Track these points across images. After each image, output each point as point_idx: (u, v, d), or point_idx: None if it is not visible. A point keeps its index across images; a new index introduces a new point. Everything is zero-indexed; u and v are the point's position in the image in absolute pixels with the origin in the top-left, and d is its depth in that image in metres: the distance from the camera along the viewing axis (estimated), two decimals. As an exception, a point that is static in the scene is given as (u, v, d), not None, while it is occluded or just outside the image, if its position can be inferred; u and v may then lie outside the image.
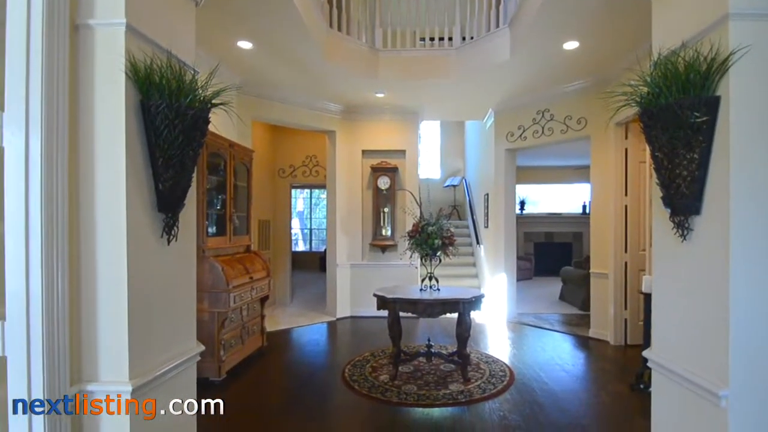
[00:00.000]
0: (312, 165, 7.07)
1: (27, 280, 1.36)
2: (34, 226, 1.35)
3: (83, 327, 1.52)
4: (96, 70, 1.48)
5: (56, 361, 1.41)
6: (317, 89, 5.34)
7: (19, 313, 1.37)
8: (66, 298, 1.44)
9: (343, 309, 6.12)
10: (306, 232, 13.31)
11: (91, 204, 1.50)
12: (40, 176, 1.35)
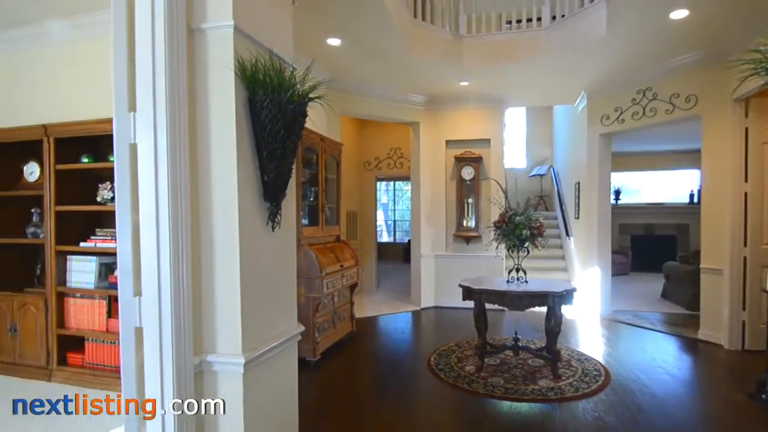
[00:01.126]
0: (396, 157, 7.12)
1: (158, 262, 1.50)
2: (163, 214, 1.49)
3: (203, 304, 1.65)
4: (209, 70, 1.58)
5: (182, 333, 1.55)
6: (401, 81, 5.32)
7: (152, 290, 1.52)
8: (190, 278, 1.57)
9: (427, 299, 6.10)
10: (390, 224, 13.51)
11: (209, 194, 1.62)
12: (167, 170, 1.48)
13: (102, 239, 3.31)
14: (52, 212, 3.33)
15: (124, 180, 1.53)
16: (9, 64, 4.06)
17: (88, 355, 3.39)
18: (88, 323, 3.37)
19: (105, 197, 3.31)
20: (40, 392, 3.16)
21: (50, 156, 3.32)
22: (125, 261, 1.55)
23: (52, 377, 3.39)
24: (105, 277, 3.38)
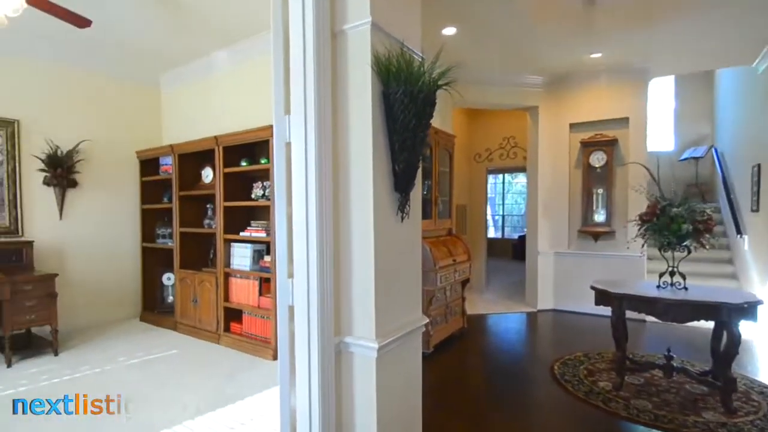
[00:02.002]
0: (509, 147, 6.64)
1: (307, 248, 1.60)
2: (311, 205, 1.58)
3: (342, 289, 1.72)
4: (349, 67, 1.62)
5: (326, 313, 1.63)
6: (518, 63, 4.84)
7: (302, 273, 1.63)
8: (332, 264, 1.64)
9: (544, 300, 5.54)
10: (497, 219, 12.81)
11: (347, 186, 1.67)
12: (315, 164, 1.56)
13: (255, 230, 3.76)
14: (221, 207, 3.90)
15: (281, 175, 1.67)
16: (190, 91, 4.89)
17: (245, 326, 3.90)
18: (245, 299, 3.87)
19: (257, 194, 3.74)
20: (213, 352, 3.77)
21: (220, 161, 3.89)
22: (281, 247, 1.69)
23: (220, 341, 3.98)
24: (257, 261, 3.83)
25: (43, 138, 4.13)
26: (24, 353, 3.54)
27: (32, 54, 4.05)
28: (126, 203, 4.81)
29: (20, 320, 3.37)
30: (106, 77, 4.62)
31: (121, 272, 4.80)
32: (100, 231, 4.62)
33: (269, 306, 3.63)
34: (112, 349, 3.78)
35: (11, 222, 3.96)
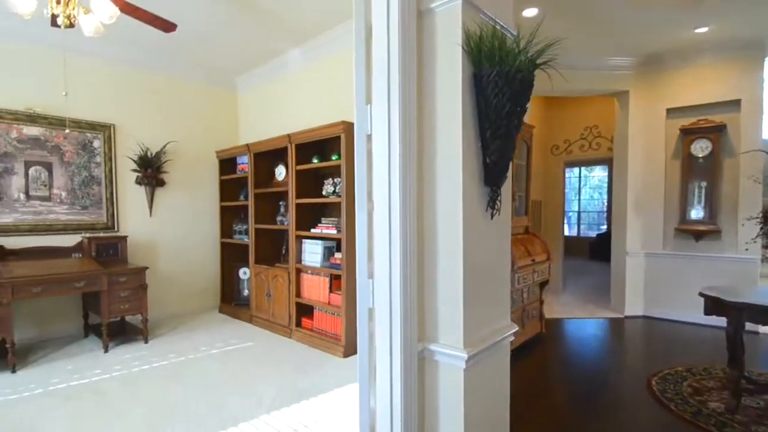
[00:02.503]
0: (592, 137, 6.06)
1: (389, 246, 1.49)
2: (394, 201, 1.46)
3: (426, 292, 1.59)
4: (437, 49, 1.48)
5: (409, 317, 1.52)
6: (606, 44, 4.36)
7: (383, 274, 1.52)
8: (415, 264, 1.52)
9: (633, 306, 4.99)
10: (570, 215, 11.89)
11: (433, 180, 1.53)
12: (398, 157, 1.44)
13: (326, 226, 3.77)
14: (293, 204, 3.98)
15: (362, 169, 1.58)
16: (264, 91, 5.06)
17: (316, 321, 3.94)
18: (316, 295, 3.91)
19: (328, 191, 3.75)
20: (285, 346, 3.85)
21: (292, 159, 3.96)
22: (361, 245, 1.60)
23: (292, 335, 4.07)
24: (327, 258, 3.84)
25: (134, 140, 4.51)
26: (118, 339, 3.90)
27: (124, 62, 4.42)
28: (207, 201, 5.12)
29: (116, 309, 3.70)
30: (188, 82, 4.94)
31: (202, 266, 5.12)
32: (184, 227, 4.96)
33: (339, 303, 3.62)
34: (195, 339, 4.03)
35: (108, 218, 4.37)
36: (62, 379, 3.08)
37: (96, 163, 4.28)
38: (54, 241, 3.98)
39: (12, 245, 3.73)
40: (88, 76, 4.21)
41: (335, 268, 3.68)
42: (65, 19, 2.34)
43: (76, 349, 3.75)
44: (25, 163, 3.86)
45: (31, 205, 3.90)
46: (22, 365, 3.33)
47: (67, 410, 2.62)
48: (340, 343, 3.59)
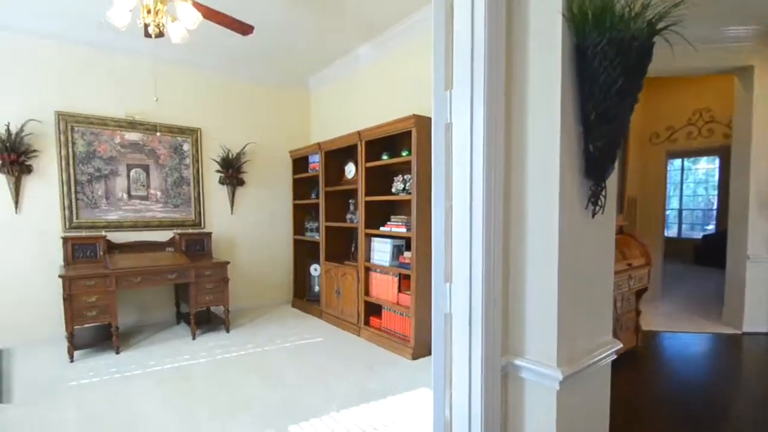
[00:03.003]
0: (702, 123, 5.23)
1: (470, 247, 1.34)
2: (477, 198, 1.31)
3: (511, 299, 1.41)
4: (530, 21, 1.28)
5: (491, 327, 1.35)
6: (722, 11, 3.70)
7: (462, 277, 1.37)
8: (500, 268, 1.35)
9: (755, 321, 4.20)
10: (669, 213, 10.50)
11: (522, 172, 1.35)
12: (482, 148, 1.28)
13: (395, 224, 3.68)
14: (362, 202, 3.96)
15: (440, 162, 1.44)
16: (335, 90, 5.13)
17: (384, 321, 3.88)
18: (384, 294, 3.85)
19: (398, 188, 3.66)
20: (353, 344, 3.85)
21: (362, 156, 3.94)
22: (438, 246, 1.47)
23: (360, 333, 4.06)
24: (396, 257, 3.76)
25: (218, 143, 4.82)
26: (204, 328, 4.19)
27: (206, 68, 4.73)
28: (281, 199, 5.33)
29: (201, 300, 3.98)
30: (264, 86, 5.17)
31: (277, 262, 5.36)
32: (261, 224, 5.22)
33: (408, 304, 3.52)
34: (270, 332, 4.20)
35: (196, 216, 4.74)
36: (157, 362, 3.38)
37: (185, 165, 4.65)
38: (151, 236, 4.40)
39: (117, 240, 4.19)
40: (177, 83, 4.57)
41: (404, 268, 3.58)
42: (155, 28, 2.51)
43: (169, 334, 4.11)
44: (127, 166, 4.30)
45: (132, 203, 4.35)
46: (125, 347, 3.72)
47: (160, 392, 2.85)
48: (408, 344, 3.48)
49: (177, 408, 2.63)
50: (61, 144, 3.92)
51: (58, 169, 3.92)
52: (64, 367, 3.26)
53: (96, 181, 4.13)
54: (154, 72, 4.29)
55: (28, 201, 3.82)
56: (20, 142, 3.68)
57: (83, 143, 4.05)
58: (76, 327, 3.37)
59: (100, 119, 4.11)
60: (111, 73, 4.15)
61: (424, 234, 3.39)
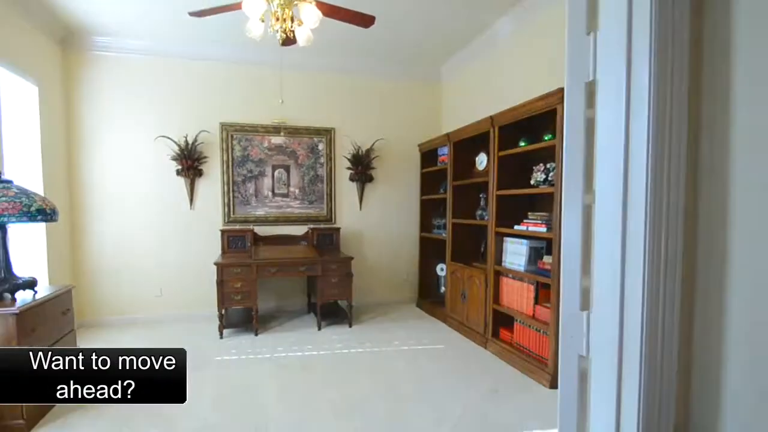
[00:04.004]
0: None
1: (621, 264, 0.92)
2: (636, 190, 0.89)
3: (696, 344, 0.93)
4: None
5: (657, 389, 0.91)
6: None
7: (609, 306, 0.96)
8: (676, 294, 0.90)
9: None
10: None
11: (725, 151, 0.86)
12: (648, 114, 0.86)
13: (533, 223, 3.19)
14: (493, 196, 3.56)
15: (575, 139, 1.04)
16: (468, 74, 4.79)
17: (516, 335, 3.42)
18: (517, 304, 3.39)
19: (537, 179, 3.15)
20: (478, 357, 3.48)
21: (495, 144, 3.54)
22: (571, 257, 1.08)
23: (487, 345, 3.67)
24: (534, 261, 3.26)
25: (349, 140, 5.02)
26: (330, 320, 4.41)
27: (335, 70, 4.95)
28: (408, 195, 5.28)
29: (328, 293, 4.20)
30: (392, 81, 5.17)
31: (402, 259, 5.33)
32: (388, 220, 5.26)
33: (547, 319, 3.01)
34: (390, 332, 4.17)
35: (328, 212, 5.04)
36: (284, 348, 3.69)
37: (320, 164, 4.98)
38: (289, 230, 4.87)
39: (261, 233, 4.75)
40: (313, 87, 4.92)
41: (543, 275, 3.07)
42: (282, 33, 2.63)
43: (299, 323, 4.47)
44: (272, 166, 4.84)
45: (275, 201, 4.87)
46: (263, 330, 4.17)
47: (280, 378, 3.09)
48: (546, 368, 2.97)
49: (291, 399, 2.78)
50: (223, 150, 4.64)
51: (220, 171, 4.66)
52: (214, 342, 3.84)
53: (248, 181, 4.75)
54: (291, 79, 4.74)
55: (199, 199, 4.63)
56: (194, 150, 4.49)
57: (239, 148, 4.70)
58: (225, 308, 3.90)
59: (252, 126, 4.72)
60: (258, 84, 4.67)
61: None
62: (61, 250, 4.08)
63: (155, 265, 4.51)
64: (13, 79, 3.43)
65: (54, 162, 3.94)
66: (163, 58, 4.41)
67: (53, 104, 3.97)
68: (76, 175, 4.29)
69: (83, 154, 4.29)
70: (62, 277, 4.00)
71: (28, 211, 2.34)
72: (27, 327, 2.31)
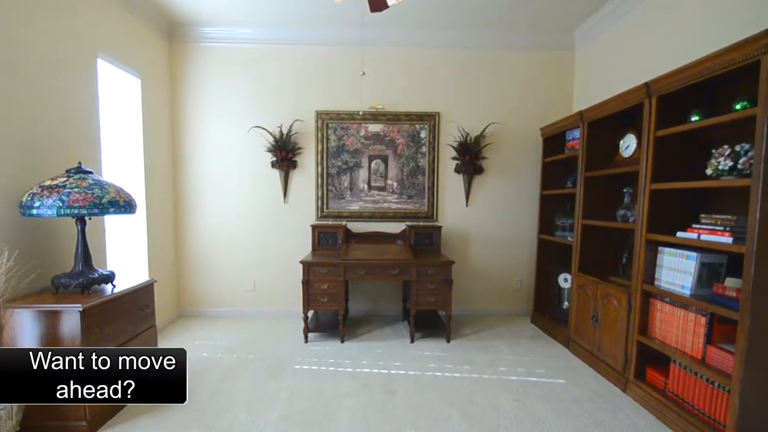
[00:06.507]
0: None
1: None
2: None
3: None
4: None
5: None
6: None
7: None
8: None
9: None
10: None
11: None
12: None
13: (708, 229, 2.32)
14: (646, 191, 2.74)
15: None
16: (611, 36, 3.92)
17: (672, 382, 2.57)
18: (677, 340, 2.54)
19: (719, 168, 2.27)
20: (613, 404, 2.69)
21: (651, 121, 2.72)
22: None
23: (627, 389, 2.87)
24: (708, 282, 2.39)
25: (456, 126, 4.51)
26: (426, 331, 3.95)
27: (445, 45, 4.45)
28: (526, 189, 4.58)
29: (423, 301, 3.74)
30: (512, 54, 4.50)
31: (515, 264, 4.66)
32: (499, 219, 4.63)
33: (729, 368, 2.16)
34: (496, 353, 3.57)
35: (429, 207, 4.60)
36: (369, 362, 3.34)
37: (422, 154, 4.57)
38: (385, 227, 4.55)
39: (355, 229, 4.51)
40: (415, 67, 4.51)
41: (723, 304, 2.21)
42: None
43: (391, 331, 4.10)
44: (369, 157, 4.57)
45: (371, 194, 4.60)
46: (350, 336, 3.92)
47: (358, 400, 2.74)
48: (725, 439, 2.12)
49: (363, 427, 2.43)
50: (318, 140, 4.52)
51: (315, 163, 4.54)
52: (298, 346, 3.68)
53: (343, 174, 4.57)
54: (389, 59, 4.42)
55: (293, 192, 4.58)
56: (288, 141, 4.43)
57: (335, 138, 4.54)
58: (313, 310, 3.72)
59: (348, 114, 4.50)
60: (355, 68, 4.37)
61: (775, 251, 1.96)
62: (163, 243, 4.24)
63: (250, 259, 4.59)
64: (116, 71, 3.52)
65: (156, 155, 4.08)
66: (259, 44, 4.39)
67: (156, 96, 4.09)
68: (178, 167, 4.46)
69: (184, 146, 4.44)
70: (163, 270, 4.16)
71: (99, 203, 2.29)
72: (93, 324, 2.26)
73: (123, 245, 3.75)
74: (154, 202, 4.04)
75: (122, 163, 3.70)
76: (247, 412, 2.56)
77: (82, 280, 2.38)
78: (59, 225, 2.71)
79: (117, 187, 2.49)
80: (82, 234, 2.49)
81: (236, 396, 2.76)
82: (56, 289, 2.40)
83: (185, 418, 2.46)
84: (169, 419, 2.44)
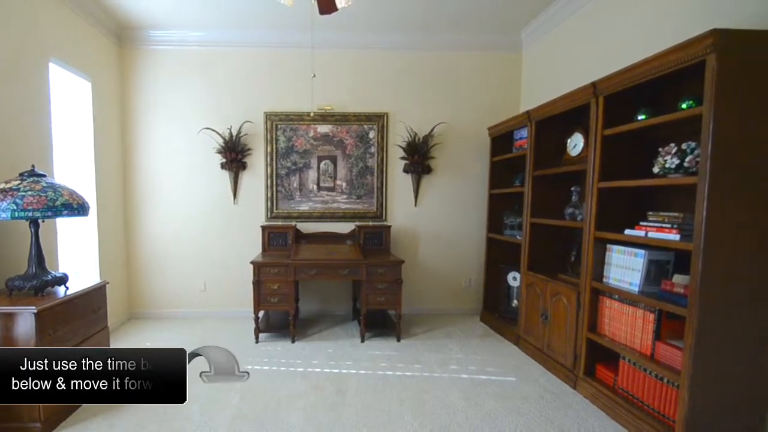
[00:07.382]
0: None
1: None
2: None
3: None
4: None
5: None
6: None
7: None
8: None
9: None
10: None
11: None
12: None
13: (655, 227, 2.28)
14: (594, 190, 2.66)
15: None
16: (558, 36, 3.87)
17: (622, 378, 2.52)
18: (626, 337, 2.49)
19: (665, 166, 2.22)
20: (564, 400, 2.59)
21: (598, 120, 2.65)
22: None
23: (576, 386, 2.80)
24: (656, 279, 2.35)
25: (404, 126, 4.32)
26: (376, 330, 3.78)
27: (389, 48, 4.28)
28: (475, 188, 4.47)
29: (373, 300, 3.57)
30: (460, 54, 4.38)
31: (465, 263, 4.55)
32: (449, 218, 4.51)
33: (674, 361, 2.11)
34: (447, 352, 3.42)
35: (378, 207, 4.39)
36: (320, 362, 3.19)
37: (371, 154, 4.35)
38: (334, 227, 4.31)
39: (305, 229, 4.26)
40: (364, 68, 4.30)
41: (672, 301, 2.16)
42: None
43: (341, 331, 3.90)
44: (318, 158, 4.31)
45: (320, 195, 4.34)
46: (301, 336, 3.70)
47: (309, 400, 2.62)
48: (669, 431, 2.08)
49: (315, 428, 2.33)
50: (267, 141, 4.23)
51: (264, 164, 4.27)
52: (249, 347, 3.48)
53: (292, 174, 4.29)
54: (338, 60, 4.27)
55: (243, 193, 4.31)
56: (238, 142, 4.17)
57: (284, 139, 4.27)
58: (264, 310, 3.52)
59: (297, 115, 4.24)
60: (303, 69, 4.03)
61: (727, 246, 1.92)
62: (114, 244, 4.06)
63: (200, 260, 4.37)
64: (66, 75, 3.36)
65: (107, 157, 3.89)
66: (209, 47, 4.19)
67: (106, 99, 3.91)
68: (129, 169, 4.26)
69: (135, 148, 4.27)
70: (114, 272, 3.99)
71: (53, 205, 2.24)
72: (47, 326, 2.18)
73: (74, 247, 3.53)
74: (105, 204, 3.86)
75: (74, 166, 3.55)
76: (200, 413, 2.44)
77: (36, 282, 2.33)
78: (12, 227, 2.64)
79: (70, 190, 2.41)
80: (36, 236, 2.40)
81: (189, 396, 2.46)
82: (10, 291, 2.33)
83: (139, 419, 2.35)
84: (123, 420, 2.34)
